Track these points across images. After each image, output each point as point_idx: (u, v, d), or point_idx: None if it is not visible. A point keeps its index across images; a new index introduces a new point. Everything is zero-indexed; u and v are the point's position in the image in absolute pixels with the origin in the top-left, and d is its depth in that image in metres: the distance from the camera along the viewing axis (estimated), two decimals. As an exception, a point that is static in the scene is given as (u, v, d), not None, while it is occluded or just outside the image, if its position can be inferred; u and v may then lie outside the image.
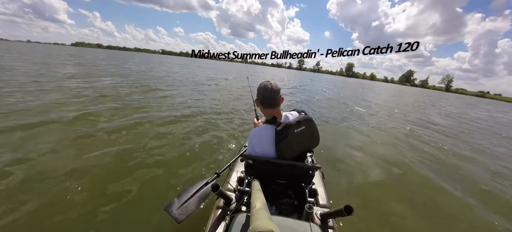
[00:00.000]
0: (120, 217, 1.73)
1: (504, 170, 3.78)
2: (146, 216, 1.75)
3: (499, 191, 2.99)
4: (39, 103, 4.37)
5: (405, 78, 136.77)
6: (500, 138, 6.67)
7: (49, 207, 1.75)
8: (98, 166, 2.34)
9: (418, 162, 3.72)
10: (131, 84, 8.24)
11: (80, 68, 12.42)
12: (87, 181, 2.09)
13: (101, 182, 2.10)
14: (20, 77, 7.21)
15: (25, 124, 3.17)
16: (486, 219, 2.33)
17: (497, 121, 11.38)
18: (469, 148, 5.03)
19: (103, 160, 2.47)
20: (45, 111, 3.90)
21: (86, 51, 54.19)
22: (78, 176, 2.14)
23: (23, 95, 4.87)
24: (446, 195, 2.75)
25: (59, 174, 2.14)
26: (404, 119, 7.97)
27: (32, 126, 3.15)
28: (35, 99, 4.65)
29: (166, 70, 17.59)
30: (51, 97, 4.92)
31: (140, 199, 1.95)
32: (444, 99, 28.46)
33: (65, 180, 2.07)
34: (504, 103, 49.50)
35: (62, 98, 4.92)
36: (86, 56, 27.45)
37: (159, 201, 1.89)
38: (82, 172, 2.22)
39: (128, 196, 1.96)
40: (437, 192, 2.80)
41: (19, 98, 4.59)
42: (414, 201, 2.52)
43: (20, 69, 9.42)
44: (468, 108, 17.65)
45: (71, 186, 1.99)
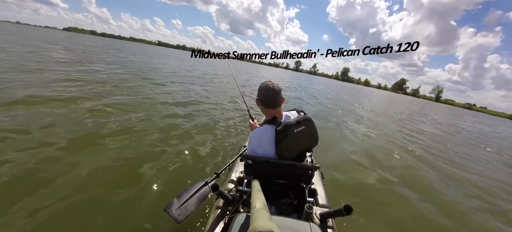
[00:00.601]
0: (119, 217, 1.70)
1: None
2: (145, 216, 1.73)
3: (494, 191, 3.16)
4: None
5: (398, 86, 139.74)
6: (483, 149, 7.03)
7: (48, 207, 1.71)
8: (96, 167, 2.29)
9: (418, 163, 3.82)
10: (128, 77, 8.06)
11: (73, 54, 11.91)
12: (84, 181, 2.05)
13: (99, 182, 2.06)
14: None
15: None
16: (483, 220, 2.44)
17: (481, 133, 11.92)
18: (460, 155, 5.25)
19: (100, 160, 2.41)
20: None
21: (80, 37, 52.26)
22: (76, 176, 2.09)
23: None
24: (443, 195, 2.82)
25: (58, 173, 2.09)
26: (400, 124, 8.17)
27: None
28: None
29: (163, 63, 17.30)
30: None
31: (139, 199, 1.92)
32: (437, 109, 29.30)
33: (64, 180, 2.01)
34: (489, 116, 51.69)
35: (55, 95, 4.68)
36: (77, 42, 26.38)
37: (159, 201, 1.87)
38: (80, 173, 2.16)
39: (127, 196, 1.93)
40: (436, 192, 2.86)
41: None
42: (413, 200, 2.56)
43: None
44: (458, 119, 18.36)
45: (67, 187, 1.94)
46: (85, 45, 22.40)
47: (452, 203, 2.68)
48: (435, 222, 2.26)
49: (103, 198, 1.88)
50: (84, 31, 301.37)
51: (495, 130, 15.27)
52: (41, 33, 43.62)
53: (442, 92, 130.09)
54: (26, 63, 7.21)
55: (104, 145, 2.73)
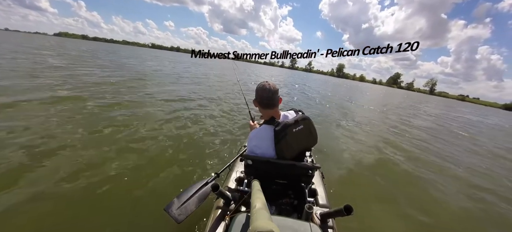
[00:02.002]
0: (119, 218, 1.70)
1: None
2: (145, 216, 1.73)
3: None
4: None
5: (392, 81, 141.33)
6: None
7: (46, 206, 1.70)
8: (96, 167, 2.28)
9: (418, 164, 3.80)
10: (127, 80, 7.98)
11: (66, 59, 11.77)
12: (84, 181, 2.03)
13: (99, 182, 2.05)
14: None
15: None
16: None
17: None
18: (463, 151, 5.30)
19: (100, 160, 2.40)
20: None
21: (72, 43, 51.47)
22: (75, 176, 2.08)
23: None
24: (446, 197, 2.79)
25: (60, 172, 2.08)
26: (400, 120, 8.24)
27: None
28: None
29: (158, 64, 17.14)
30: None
31: (140, 199, 1.92)
32: (432, 102, 29.51)
33: (62, 180, 2.00)
34: (481, 107, 52.47)
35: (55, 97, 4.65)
36: (70, 47, 26.06)
37: (159, 201, 1.85)
38: (80, 172, 2.15)
39: (127, 196, 1.92)
40: (436, 193, 2.85)
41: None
42: (413, 200, 2.56)
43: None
44: (459, 112, 18.46)
45: (67, 187, 1.93)
46: (78, 51, 22.07)
47: (452, 203, 2.67)
48: (435, 222, 2.25)
49: (103, 198, 1.87)
50: (75, 36, 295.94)
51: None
52: (34, 40, 42.63)
53: (436, 85, 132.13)
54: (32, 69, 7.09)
55: (104, 145, 2.71)
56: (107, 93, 5.43)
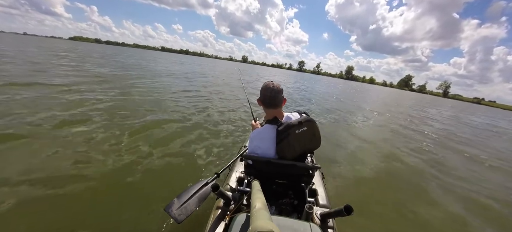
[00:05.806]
0: (119, 218, 1.72)
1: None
2: (145, 216, 1.74)
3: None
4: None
5: (404, 83, 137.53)
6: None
7: (45, 206, 1.74)
8: (96, 166, 2.32)
9: (419, 164, 3.75)
10: (130, 79, 8.20)
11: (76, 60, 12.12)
12: (84, 181, 2.07)
13: (99, 182, 2.08)
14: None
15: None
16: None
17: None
18: (467, 156, 5.13)
19: (101, 160, 2.44)
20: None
21: (88, 47, 53.41)
22: (75, 176, 2.12)
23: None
24: (445, 197, 2.77)
25: (60, 171, 2.13)
26: (407, 125, 7.97)
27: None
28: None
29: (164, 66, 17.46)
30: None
31: (140, 199, 1.94)
32: (447, 105, 28.31)
33: (62, 180, 2.04)
34: (498, 110, 49.67)
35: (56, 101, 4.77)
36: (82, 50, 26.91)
37: (159, 201, 1.88)
38: (79, 172, 2.19)
39: (128, 196, 1.95)
40: (437, 194, 2.81)
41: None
42: (413, 201, 2.53)
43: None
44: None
45: (66, 187, 1.96)
46: (101, 54, 22.35)
47: (452, 205, 2.60)
48: (435, 222, 2.22)
49: (104, 198, 1.90)
50: (89, 40, 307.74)
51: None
52: (52, 43, 44.62)
53: (450, 87, 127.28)
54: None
55: (104, 146, 2.76)
56: (112, 89, 5.54)
